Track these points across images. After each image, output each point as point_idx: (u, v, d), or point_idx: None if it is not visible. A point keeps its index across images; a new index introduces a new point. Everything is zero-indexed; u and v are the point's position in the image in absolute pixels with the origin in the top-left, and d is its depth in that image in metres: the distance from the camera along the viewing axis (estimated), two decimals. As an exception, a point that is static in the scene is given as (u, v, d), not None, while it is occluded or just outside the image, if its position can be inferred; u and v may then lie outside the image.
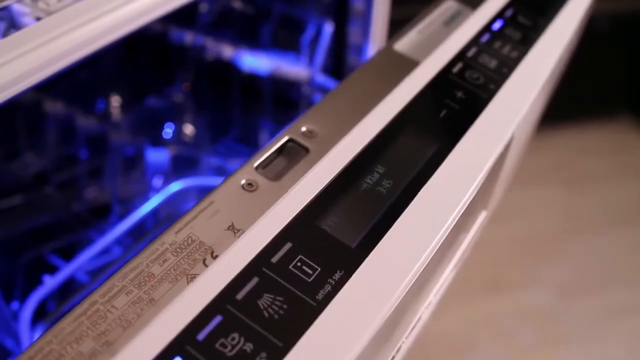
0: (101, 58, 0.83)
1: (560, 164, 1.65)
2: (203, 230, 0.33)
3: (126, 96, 0.87)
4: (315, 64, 0.78)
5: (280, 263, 0.32)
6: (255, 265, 0.31)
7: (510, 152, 0.45)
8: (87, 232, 0.74)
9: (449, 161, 0.38)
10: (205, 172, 0.81)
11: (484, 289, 1.36)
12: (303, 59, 0.79)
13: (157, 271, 0.31)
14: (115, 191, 0.77)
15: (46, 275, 0.63)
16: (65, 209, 0.77)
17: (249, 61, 0.82)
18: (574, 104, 1.64)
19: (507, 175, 0.53)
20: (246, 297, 0.30)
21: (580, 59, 1.20)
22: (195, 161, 0.82)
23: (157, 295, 0.30)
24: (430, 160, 0.38)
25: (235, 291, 0.30)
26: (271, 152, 0.38)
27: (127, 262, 0.32)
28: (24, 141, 0.79)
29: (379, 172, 0.37)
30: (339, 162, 0.37)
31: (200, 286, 0.30)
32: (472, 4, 0.52)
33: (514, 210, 1.48)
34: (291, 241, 0.33)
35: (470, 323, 1.30)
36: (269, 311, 0.30)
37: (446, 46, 0.47)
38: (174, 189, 0.74)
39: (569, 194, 1.58)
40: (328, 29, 0.77)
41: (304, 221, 0.34)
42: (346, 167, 0.37)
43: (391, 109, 0.41)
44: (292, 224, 0.33)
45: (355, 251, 0.33)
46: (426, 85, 0.43)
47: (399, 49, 0.47)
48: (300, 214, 0.34)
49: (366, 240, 0.34)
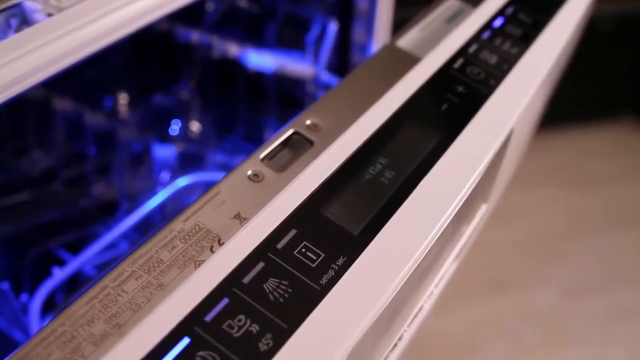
0: (109, 56, 0.84)
1: (563, 165, 1.65)
2: (210, 218, 0.34)
3: (133, 93, 0.88)
4: (320, 62, 0.79)
5: (286, 249, 0.33)
6: (261, 251, 0.32)
7: (510, 146, 0.46)
8: (94, 228, 0.74)
9: (450, 153, 0.39)
10: (211, 168, 0.82)
11: (487, 289, 1.36)
12: (308, 57, 0.80)
13: (165, 257, 0.32)
14: (123, 187, 0.77)
15: (55, 267, 0.64)
16: (73, 205, 0.78)
17: (254, 59, 0.82)
18: (578, 104, 1.64)
19: (507, 170, 0.53)
20: (252, 281, 0.31)
21: (585, 59, 1.20)
22: (201, 158, 0.83)
23: (166, 280, 0.31)
24: (431, 152, 0.39)
25: (242, 275, 0.31)
26: (277, 144, 0.39)
27: (137, 248, 0.33)
28: (33, 138, 0.80)
29: (382, 164, 0.38)
30: (342, 153, 0.38)
31: (208, 270, 0.31)
32: (474, 2, 0.53)
33: (517, 211, 1.48)
34: (296, 228, 0.34)
35: (473, 323, 1.30)
36: (274, 294, 0.31)
37: (448, 42, 0.48)
38: (180, 184, 0.75)
39: (573, 195, 1.58)
40: (333, 27, 0.78)
41: (308, 209, 0.35)
42: (349, 158, 0.38)
43: (394, 102, 0.42)
44: (297, 211, 0.34)
45: (358, 238, 0.34)
46: (428, 80, 0.44)
47: (402, 45, 0.48)
48: (305, 202, 0.35)
49: (368, 228, 0.35)
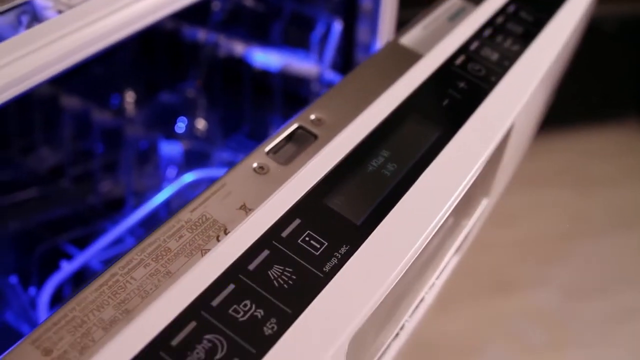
0: (116, 54, 0.85)
1: (566, 166, 1.65)
2: (216, 209, 0.35)
3: (140, 91, 0.89)
4: (325, 61, 0.80)
5: (290, 237, 0.34)
6: (266, 239, 0.33)
7: (511, 141, 0.47)
8: (101, 224, 0.75)
9: (450, 147, 0.40)
10: (217, 166, 0.83)
11: (491, 290, 1.36)
12: (313, 56, 0.81)
13: (173, 246, 0.33)
14: (129, 184, 0.78)
15: (63, 260, 0.65)
16: (80, 201, 0.79)
17: (260, 58, 0.83)
18: (580, 105, 1.63)
19: (508, 165, 0.54)
20: (257, 268, 0.32)
21: (588, 60, 1.21)
22: (206, 155, 0.84)
23: (174, 268, 0.32)
24: (433, 146, 0.40)
25: (248, 262, 0.32)
26: (281, 138, 0.40)
27: (145, 237, 0.34)
28: (40, 136, 0.81)
29: (384, 156, 0.39)
30: (346, 146, 0.39)
31: (214, 257, 0.32)
32: (476, 1, 0.54)
33: (519, 212, 1.48)
34: (300, 218, 0.35)
35: (476, 324, 1.30)
36: (278, 281, 0.32)
37: (450, 40, 0.49)
38: (186, 180, 0.75)
39: (575, 197, 1.58)
40: (337, 27, 0.79)
41: (312, 199, 0.36)
42: (353, 151, 0.39)
43: (396, 97, 0.43)
44: (301, 202, 0.35)
45: (360, 228, 0.35)
46: (430, 76, 0.45)
47: (405, 43, 0.49)
48: (309, 193, 0.36)
49: (371, 218, 0.35)
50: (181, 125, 0.88)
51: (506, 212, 1.42)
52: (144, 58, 0.90)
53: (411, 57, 0.47)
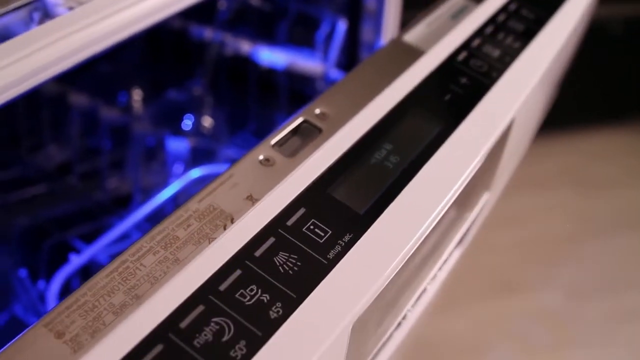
0: (124, 52, 0.86)
1: (569, 167, 1.65)
2: (223, 199, 0.36)
3: (147, 89, 0.90)
4: (330, 59, 0.81)
5: (295, 226, 0.34)
6: (272, 227, 0.34)
7: (512, 135, 0.48)
8: (109, 220, 0.76)
9: (452, 140, 0.41)
10: (223, 163, 0.84)
11: (493, 291, 1.36)
12: (318, 55, 0.82)
13: (181, 234, 0.34)
14: (137, 181, 0.79)
15: (72, 254, 0.66)
16: (88, 198, 0.80)
17: (265, 56, 0.84)
18: (585, 107, 1.64)
19: (509, 160, 0.55)
20: (263, 255, 0.33)
21: (592, 62, 1.21)
22: (213, 153, 0.84)
23: (182, 255, 0.33)
24: (434, 139, 0.41)
25: (254, 249, 0.33)
26: (287, 131, 0.41)
27: (154, 226, 0.35)
28: (49, 133, 0.82)
29: (387, 149, 0.40)
30: (350, 139, 0.40)
31: (221, 244, 0.33)
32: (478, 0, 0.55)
33: (522, 214, 1.49)
34: (305, 207, 0.36)
35: (479, 325, 1.30)
36: (284, 267, 0.33)
37: (452, 37, 0.50)
38: (192, 176, 0.76)
39: (578, 198, 1.58)
40: (342, 26, 0.80)
41: (317, 190, 0.37)
42: (356, 143, 0.40)
43: (399, 92, 0.44)
44: (306, 192, 0.36)
45: (363, 217, 0.36)
46: (432, 71, 0.46)
47: (408, 40, 0.50)
48: (313, 183, 0.37)
49: (374, 207, 0.36)
50: (188, 123, 0.89)
51: (509, 213, 1.43)
52: (152, 56, 0.91)
53: (414, 54, 0.48)
